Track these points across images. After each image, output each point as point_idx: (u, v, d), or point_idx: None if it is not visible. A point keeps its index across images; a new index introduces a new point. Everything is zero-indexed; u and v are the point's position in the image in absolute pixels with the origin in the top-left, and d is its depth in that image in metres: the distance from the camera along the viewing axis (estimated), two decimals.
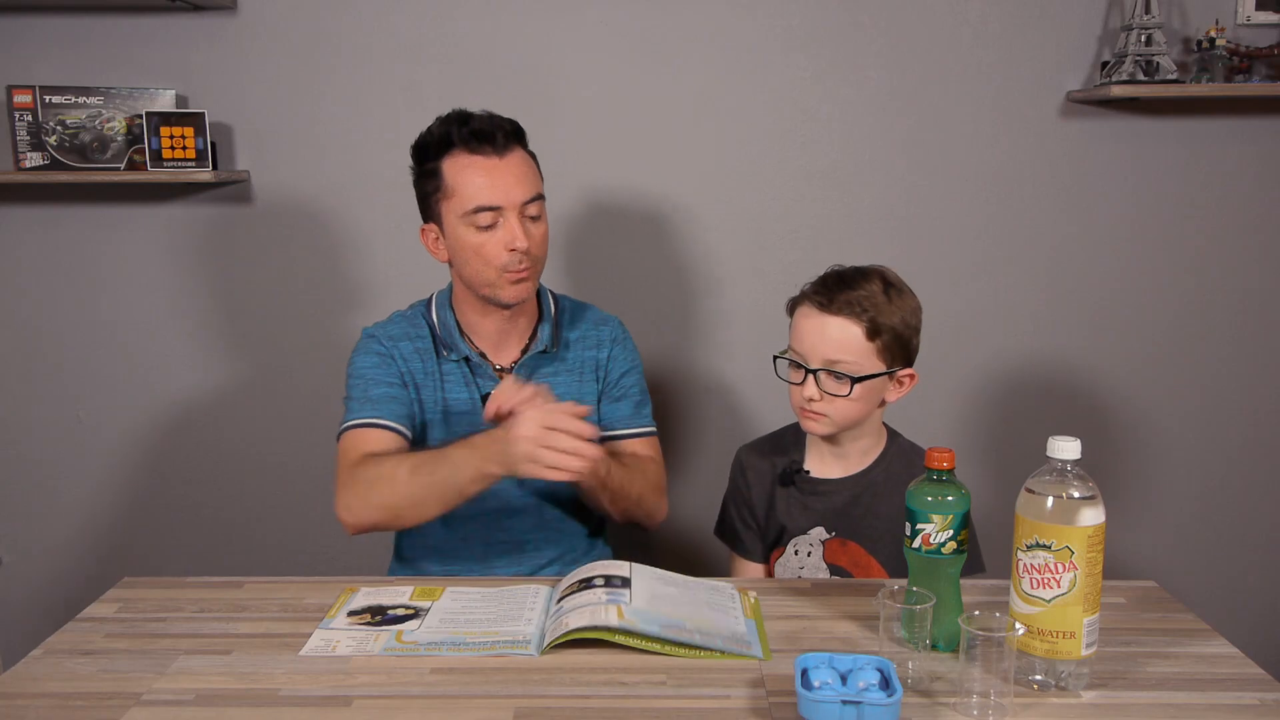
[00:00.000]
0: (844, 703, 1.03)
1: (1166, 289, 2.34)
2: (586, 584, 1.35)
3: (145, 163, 2.18)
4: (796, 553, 1.60)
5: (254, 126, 2.28)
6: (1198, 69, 2.18)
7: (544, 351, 1.72)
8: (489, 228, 1.59)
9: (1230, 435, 2.40)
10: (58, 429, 2.39)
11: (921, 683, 1.14)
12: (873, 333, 1.50)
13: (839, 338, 1.50)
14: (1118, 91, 2.11)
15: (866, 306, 1.50)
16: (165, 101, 2.22)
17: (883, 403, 1.58)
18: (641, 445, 1.76)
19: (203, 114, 2.17)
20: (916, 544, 1.20)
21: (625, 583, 1.34)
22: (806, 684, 1.07)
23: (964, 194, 2.30)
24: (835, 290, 1.52)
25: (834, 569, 1.58)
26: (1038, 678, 1.13)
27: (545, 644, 1.23)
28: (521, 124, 1.66)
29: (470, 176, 1.58)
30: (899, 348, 1.53)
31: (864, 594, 1.39)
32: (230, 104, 2.26)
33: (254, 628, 1.32)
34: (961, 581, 1.23)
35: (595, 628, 1.22)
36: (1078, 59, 2.25)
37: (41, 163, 2.19)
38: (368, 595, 1.40)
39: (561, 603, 1.33)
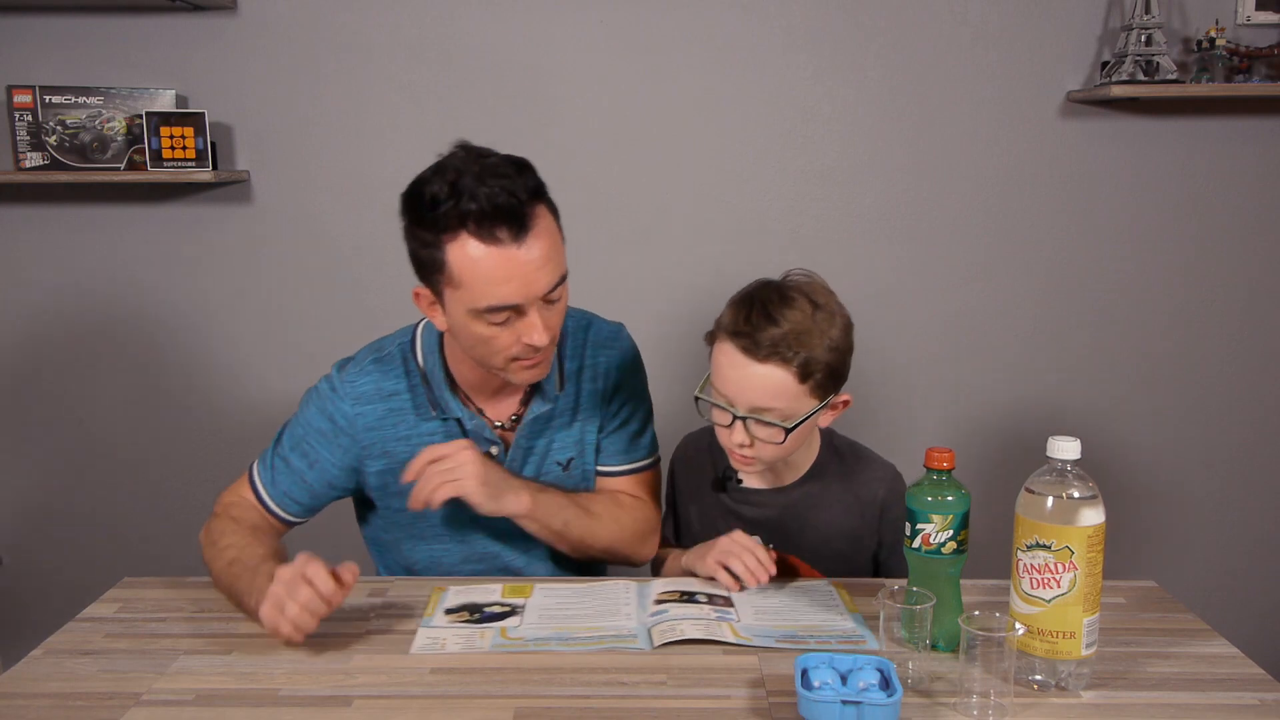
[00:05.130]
0: (844, 703, 1.03)
1: (1166, 289, 2.34)
2: (689, 597, 1.36)
3: (145, 163, 2.18)
4: None
5: (254, 126, 2.28)
6: (1198, 69, 2.18)
7: (549, 406, 1.49)
8: (503, 323, 1.32)
9: (1230, 435, 2.40)
10: (59, 429, 2.39)
11: (921, 683, 1.14)
12: (805, 375, 1.33)
13: (768, 386, 1.33)
14: (1118, 91, 2.11)
15: (796, 346, 1.32)
16: (165, 101, 2.22)
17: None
18: (632, 484, 1.56)
19: (203, 114, 2.17)
20: (916, 544, 1.20)
21: (727, 601, 1.35)
22: (806, 684, 1.07)
23: (964, 194, 2.30)
24: (759, 328, 1.33)
25: None
26: (1038, 678, 1.13)
27: (657, 643, 1.23)
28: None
29: (484, 271, 1.27)
30: (832, 380, 1.37)
31: (864, 594, 1.39)
32: (230, 104, 2.26)
33: (254, 628, 1.31)
34: (961, 581, 1.23)
35: (713, 641, 1.23)
36: (1078, 59, 2.25)
37: (41, 163, 2.19)
38: (458, 594, 1.40)
39: (664, 606, 1.33)
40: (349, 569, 1.26)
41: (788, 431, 1.35)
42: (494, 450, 1.48)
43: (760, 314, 1.35)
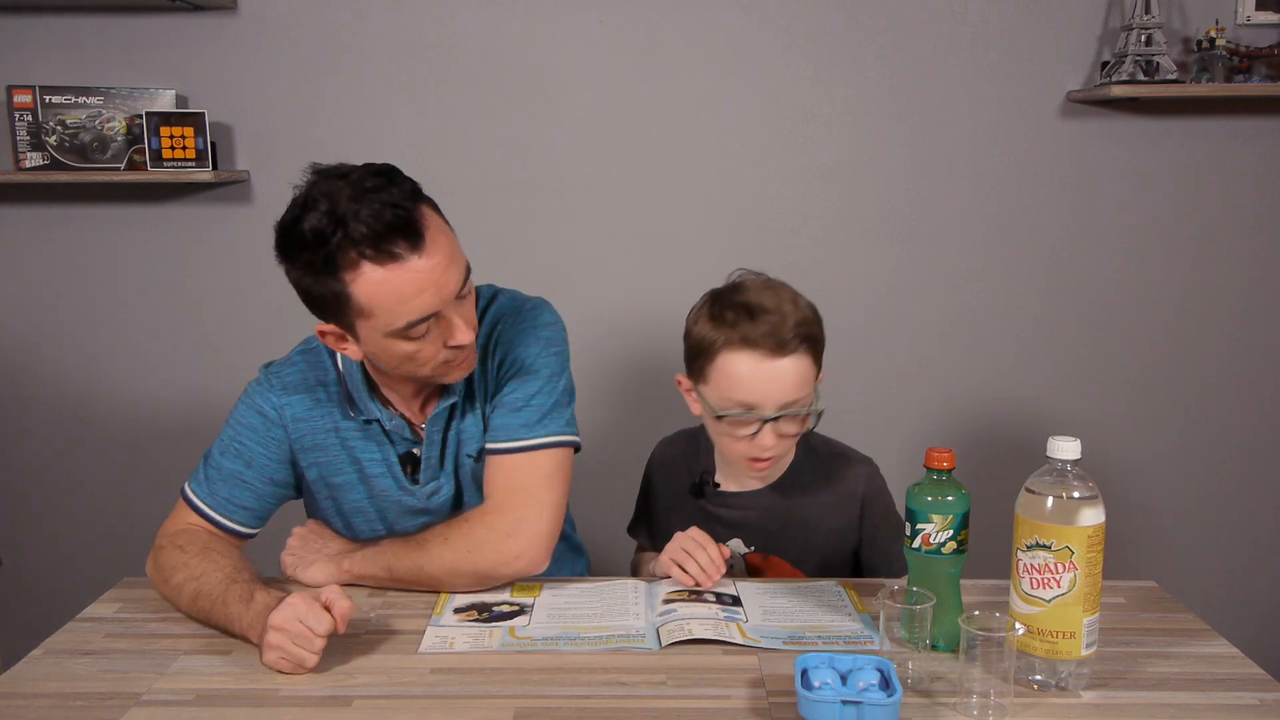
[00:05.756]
0: (844, 703, 1.03)
1: (1166, 289, 2.34)
2: (697, 595, 1.36)
3: (145, 163, 2.18)
4: None
5: (254, 126, 2.28)
6: (1198, 69, 2.18)
7: (454, 398, 1.43)
8: (424, 335, 1.28)
9: (1230, 435, 2.40)
10: (58, 429, 2.39)
11: (921, 683, 1.14)
12: (816, 355, 1.39)
13: (795, 376, 1.35)
14: (1118, 91, 2.11)
15: (802, 327, 1.36)
16: (165, 101, 2.22)
17: None
18: (510, 469, 1.38)
19: (203, 114, 2.17)
20: (916, 544, 1.20)
21: (735, 600, 1.35)
22: (806, 684, 1.07)
23: (964, 194, 2.30)
24: (771, 324, 1.34)
25: None
26: (1038, 678, 1.13)
27: (665, 643, 1.23)
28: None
29: (393, 292, 1.23)
30: (819, 354, 1.41)
31: (864, 594, 1.39)
32: (230, 104, 2.26)
33: None
34: (961, 581, 1.23)
35: (720, 641, 1.23)
36: (1078, 59, 2.25)
37: (41, 163, 2.19)
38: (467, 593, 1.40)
39: (672, 605, 1.33)
40: (339, 606, 1.19)
41: (818, 416, 1.39)
42: (416, 451, 1.45)
43: (760, 312, 1.36)
